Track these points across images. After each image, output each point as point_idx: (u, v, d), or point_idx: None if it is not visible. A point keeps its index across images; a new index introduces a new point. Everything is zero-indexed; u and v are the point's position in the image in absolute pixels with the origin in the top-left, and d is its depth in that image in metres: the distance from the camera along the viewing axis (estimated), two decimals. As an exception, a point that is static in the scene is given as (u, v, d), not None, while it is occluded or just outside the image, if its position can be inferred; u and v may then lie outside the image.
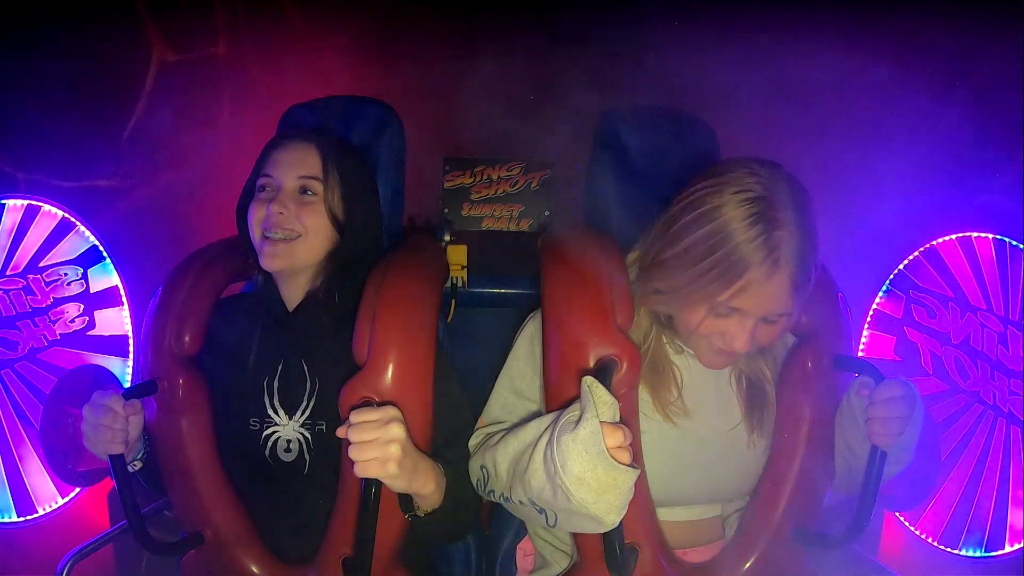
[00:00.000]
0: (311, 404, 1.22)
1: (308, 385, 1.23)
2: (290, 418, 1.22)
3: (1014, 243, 1.91)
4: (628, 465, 0.87)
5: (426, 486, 1.05)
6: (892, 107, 2.13)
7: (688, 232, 1.03)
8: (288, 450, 1.21)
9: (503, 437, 1.04)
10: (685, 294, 1.04)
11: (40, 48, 1.96)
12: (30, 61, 1.95)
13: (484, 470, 1.08)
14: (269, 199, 1.21)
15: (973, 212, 2.08)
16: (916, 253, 2.00)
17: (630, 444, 0.89)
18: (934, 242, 1.98)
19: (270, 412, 1.22)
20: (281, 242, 1.20)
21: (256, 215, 1.22)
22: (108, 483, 1.92)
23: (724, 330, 1.05)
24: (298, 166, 1.23)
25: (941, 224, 2.00)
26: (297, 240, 1.21)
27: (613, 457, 0.85)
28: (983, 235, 1.94)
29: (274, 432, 1.22)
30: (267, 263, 1.21)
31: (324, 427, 1.20)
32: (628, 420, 1.04)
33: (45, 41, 1.95)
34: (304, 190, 1.22)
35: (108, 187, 2.07)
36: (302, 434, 1.21)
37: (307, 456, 1.21)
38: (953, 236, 1.97)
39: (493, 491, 1.07)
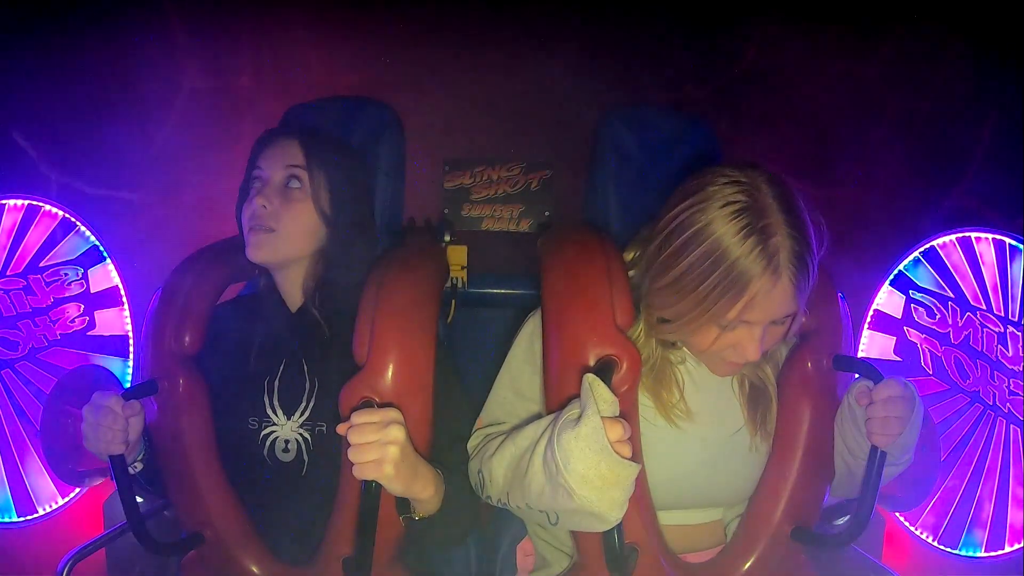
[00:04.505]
0: (310, 405, 1.22)
1: (308, 385, 1.23)
2: (288, 418, 1.22)
3: (1014, 243, 1.91)
4: (629, 460, 0.87)
5: (424, 491, 1.04)
6: (892, 106, 2.13)
7: (682, 256, 1.01)
8: (286, 450, 1.21)
9: (500, 443, 1.03)
10: (693, 318, 1.02)
11: (85, 66, 2.05)
12: (75, 77, 2.04)
13: (481, 475, 1.08)
14: (257, 193, 1.22)
15: (973, 212, 2.08)
16: (916, 253, 2.00)
17: (629, 439, 0.89)
18: (934, 242, 1.98)
19: (268, 412, 1.22)
20: (264, 232, 1.20)
21: (246, 211, 1.23)
22: (107, 484, 1.92)
23: (735, 343, 1.04)
24: (283, 158, 1.23)
25: (941, 224, 2.00)
26: (276, 234, 1.21)
27: (615, 451, 0.85)
28: (983, 235, 1.94)
29: (272, 432, 1.22)
30: (250, 253, 1.21)
31: (324, 428, 1.20)
32: (628, 418, 1.04)
33: (90, 59, 2.04)
34: (289, 180, 1.22)
35: (118, 194, 2.12)
36: (301, 435, 1.21)
37: (305, 457, 1.20)
38: (953, 236, 1.97)
39: (490, 496, 1.07)
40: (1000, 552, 1.94)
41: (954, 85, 2.07)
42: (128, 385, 1.95)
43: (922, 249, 1.99)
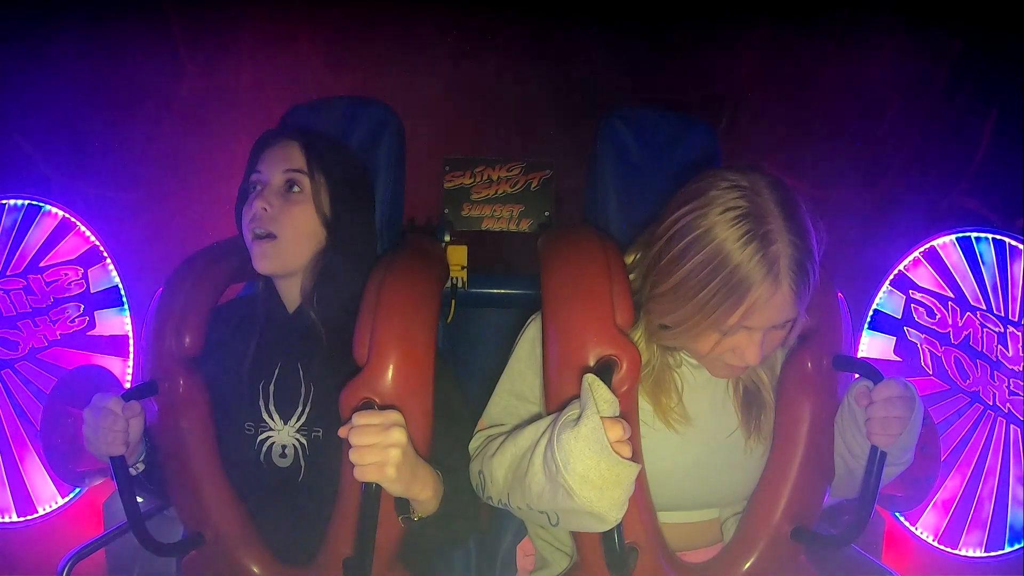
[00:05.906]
0: (306, 410, 1.21)
1: (303, 390, 1.22)
2: (285, 423, 1.21)
3: (1014, 243, 1.91)
4: (629, 460, 0.87)
5: (423, 492, 1.04)
6: (892, 106, 2.13)
7: (682, 261, 1.00)
8: (283, 455, 1.20)
9: (501, 443, 1.03)
10: (693, 325, 1.02)
11: (86, 67, 2.05)
12: (79, 78, 2.05)
13: (481, 476, 1.08)
14: (257, 196, 1.21)
15: (973, 212, 2.08)
16: (916, 253, 2.00)
17: (629, 439, 0.89)
18: (934, 242, 1.98)
19: (264, 416, 1.22)
20: (267, 242, 1.19)
21: (247, 215, 1.22)
22: (107, 484, 1.92)
23: (734, 347, 1.04)
24: (283, 161, 1.22)
25: (941, 224, 2.00)
26: (279, 241, 1.20)
27: (615, 452, 0.85)
28: (983, 235, 1.94)
29: (268, 437, 1.21)
30: (258, 265, 1.20)
31: (321, 434, 1.19)
32: (628, 418, 1.04)
33: (90, 60, 2.05)
34: (290, 184, 1.22)
35: (118, 194, 2.12)
36: (298, 440, 1.20)
37: (303, 462, 1.19)
38: (953, 236, 1.97)
39: (491, 497, 1.07)
40: (1000, 552, 1.94)
41: (955, 85, 2.07)
42: (128, 386, 1.95)
43: (922, 249, 1.99)
